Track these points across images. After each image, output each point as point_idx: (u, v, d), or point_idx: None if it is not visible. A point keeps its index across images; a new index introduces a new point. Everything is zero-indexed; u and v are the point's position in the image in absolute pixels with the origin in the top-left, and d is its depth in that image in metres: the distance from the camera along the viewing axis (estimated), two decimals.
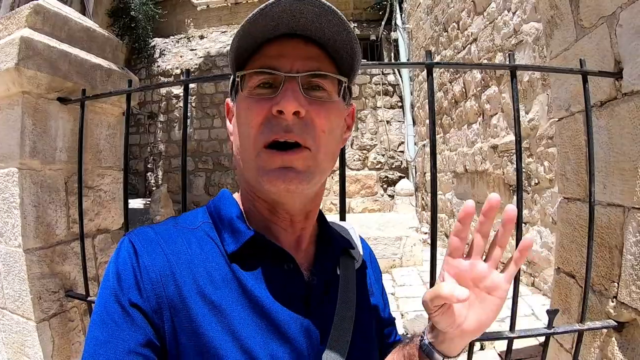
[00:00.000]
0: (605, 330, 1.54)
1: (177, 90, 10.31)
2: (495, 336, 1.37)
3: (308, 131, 0.60)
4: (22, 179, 1.73)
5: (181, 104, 10.27)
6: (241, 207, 0.69)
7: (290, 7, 0.57)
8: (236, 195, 0.72)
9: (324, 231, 0.75)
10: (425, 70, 1.17)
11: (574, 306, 1.80)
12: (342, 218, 1.32)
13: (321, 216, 0.77)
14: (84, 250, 1.80)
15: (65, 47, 1.85)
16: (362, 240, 0.87)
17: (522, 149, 4.38)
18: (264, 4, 0.56)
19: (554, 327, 1.43)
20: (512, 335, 1.37)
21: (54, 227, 1.86)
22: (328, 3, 0.58)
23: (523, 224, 4.59)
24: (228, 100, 0.73)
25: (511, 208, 0.58)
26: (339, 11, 0.59)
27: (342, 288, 0.69)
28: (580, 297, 1.74)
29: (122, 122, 2.16)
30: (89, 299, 1.79)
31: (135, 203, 8.66)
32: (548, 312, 1.42)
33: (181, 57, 10.61)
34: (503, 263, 0.61)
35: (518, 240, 1.35)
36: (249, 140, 0.62)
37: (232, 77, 0.68)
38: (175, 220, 0.67)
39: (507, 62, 1.29)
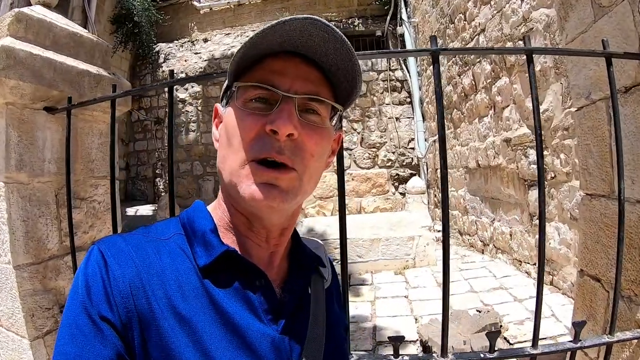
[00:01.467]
0: (635, 341, 1.41)
1: (183, 94, 10.27)
2: (517, 353, 1.25)
3: (297, 153, 0.61)
4: (8, 193, 1.66)
5: (187, 108, 10.35)
6: (215, 220, 0.67)
7: (301, 27, 0.57)
8: (210, 208, 0.71)
9: (297, 248, 0.75)
10: (431, 59, 1.05)
11: (599, 312, 1.67)
12: (342, 222, 1.21)
13: (294, 233, 0.76)
14: (76, 265, 1.73)
15: (50, 54, 1.76)
16: (328, 258, 0.86)
17: None
18: (276, 21, 0.56)
19: (581, 341, 1.30)
20: (535, 351, 1.24)
21: (45, 242, 1.79)
22: (340, 32, 0.58)
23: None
24: (218, 105, 0.72)
25: None
26: (347, 41, 0.60)
27: (314, 307, 0.69)
28: (607, 303, 1.62)
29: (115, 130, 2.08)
30: None
31: (144, 210, 8.64)
32: (574, 324, 1.29)
33: (186, 61, 10.56)
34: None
35: (541, 240, 1.23)
36: (237, 153, 0.61)
37: (225, 83, 0.69)
38: (147, 229, 0.66)
39: (523, 46, 1.16)
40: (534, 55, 1.22)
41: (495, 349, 1.19)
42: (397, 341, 1.15)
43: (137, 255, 0.58)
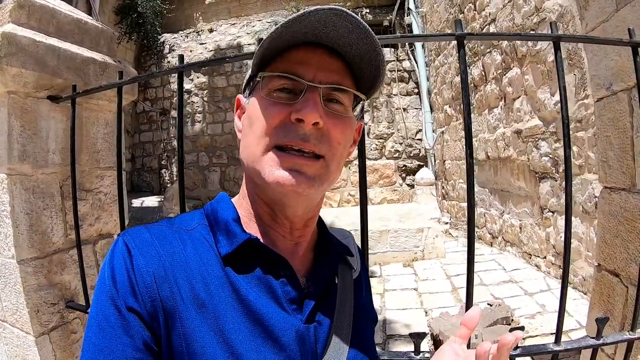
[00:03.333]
0: None
1: (188, 85, 10.22)
2: (540, 350, 1.21)
3: (324, 141, 0.61)
4: (11, 185, 1.61)
5: (193, 99, 10.30)
6: (239, 211, 0.68)
7: (325, 18, 0.58)
8: (234, 199, 0.71)
9: (323, 237, 0.74)
10: (456, 43, 0.99)
11: (617, 307, 1.63)
12: (363, 211, 1.16)
13: (320, 222, 0.76)
14: (82, 259, 1.69)
15: (53, 41, 1.71)
16: (357, 247, 0.86)
17: (550, 133, 4.13)
18: (301, 12, 0.57)
19: (603, 337, 1.26)
20: (557, 348, 1.21)
21: (50, 235, 1.74)
22: (364, 23, 0.58)
23: (551, 213, 4.31)
24: (240, 96, 0.73)
25: (509, 338, 0.58)
26: (371, 31, 0.59)
27: (340, 297, 0.68)
28: (625, 298, 1.58)
29: (121, 118, 2.04)
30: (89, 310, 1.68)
31: (150, 201, 8.64)
32: (597, 320, 1.25)
33: (191, 51, 10.48)
34: None
35: (567, 237, 1.18)
36: (259, 140, 0.61)
37: (248, 73, 0.69)
38: (171, 221, 0.66)
39: (550, 33, 1.10)
40: (549, 46, 1.16)
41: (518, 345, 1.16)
42: (419, 338, 1.10)
43: (161, 245, 0.59)
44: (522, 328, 1.15)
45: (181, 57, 1.33)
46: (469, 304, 1.13)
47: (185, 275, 0.57)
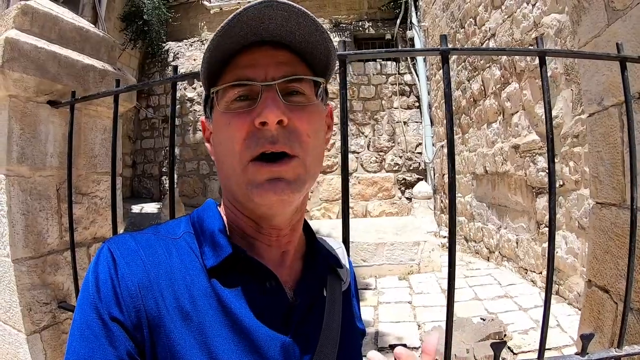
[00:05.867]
0: None
1: (191, 93, 10.30)
2: None
3: (293, 138, 0.59)
4: (9, 186, 1.65)
5: (196, 107, 10.35)
6: (225, 220, 0.66)
7: (259, 13, 0.56)
8: (221, 207, 0.69)
9: (312, 247, 0.73)
10: (441, 59, 1.01)
11: (607, 324, 1.63)
12: (345, 225, 1.18)
13: (309, 230, 0.74)
14: (75, 261, 1.71)
15: (55, 47, 1.76)
16: (348, 259, 0.84)
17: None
18: (232, 15, 0.55)
19: (588, 354, 1.26)
20: None
21: (45, 236, 1.77)
22: (298, 6, 0.57)
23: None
24: (203, 118, 0.71)
25: (431, 342, 0.59)
26: (310, 13, 0.58)
27: (328, 310, 0.67)
28: (615, 315, 1.57)
29: (119, 126, 2.07)
30: None
31: (149, 207, 8.65)
32: (582, 337, 1.25)
33: (194, 60, 10.57)
34: None
35: (550, 253, 1.19)
36: (233, 157, 0.60)
37: (204, 94, 0.67)
38: (157, 228, 0.65)
39: (536, 47, 1.13)
40: (546, 59, 1.18)
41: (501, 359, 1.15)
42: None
43: (146, 254, 0.58)
44: (504, 343, 1.15)
45: (175, 68, 1.36)
46: (449, 320, 1.14)
47: (170, 285, 0.57)
